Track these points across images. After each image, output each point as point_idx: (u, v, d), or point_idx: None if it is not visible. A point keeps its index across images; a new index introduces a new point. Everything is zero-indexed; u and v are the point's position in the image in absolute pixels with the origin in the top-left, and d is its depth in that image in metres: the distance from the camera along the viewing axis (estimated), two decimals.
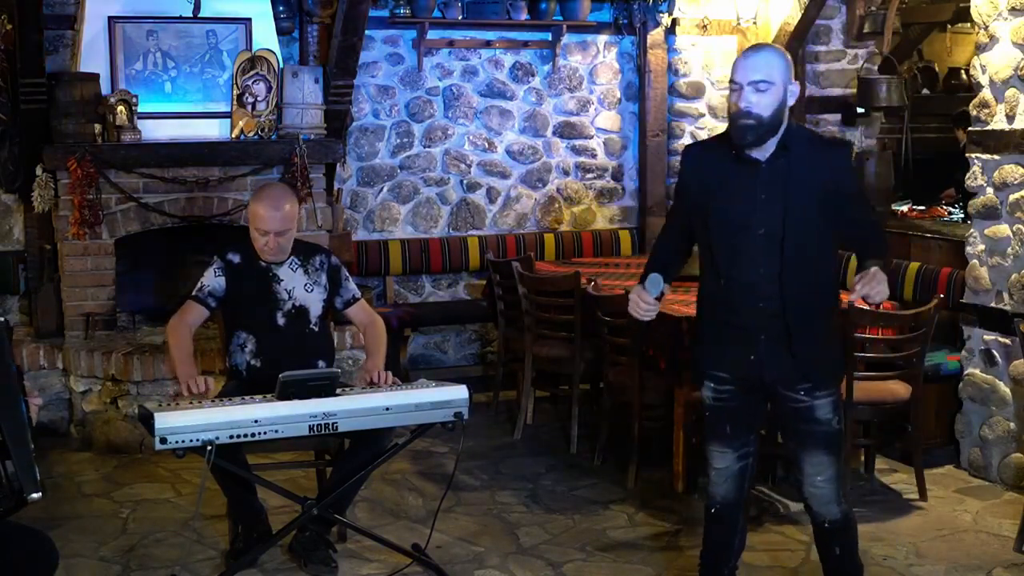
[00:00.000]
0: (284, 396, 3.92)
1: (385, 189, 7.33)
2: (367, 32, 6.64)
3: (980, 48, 5.30)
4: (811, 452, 3.41)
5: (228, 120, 6.31)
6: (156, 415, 3.71)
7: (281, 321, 4.40)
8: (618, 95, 7.78)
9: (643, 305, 3.51)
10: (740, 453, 3.53)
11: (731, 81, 3.31)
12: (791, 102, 3.31)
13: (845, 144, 3.53)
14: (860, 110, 7.36)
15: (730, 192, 3.36)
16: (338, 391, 4.02)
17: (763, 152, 3.31)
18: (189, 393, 4.07)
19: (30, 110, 5.91)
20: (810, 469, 3.42)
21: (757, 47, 3.42)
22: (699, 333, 3.60)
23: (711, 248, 3.43)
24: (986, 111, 5.26)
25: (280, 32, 6.61)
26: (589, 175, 7.79)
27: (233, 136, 6.27)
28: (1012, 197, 5.11)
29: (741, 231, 3.34)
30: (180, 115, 6.28)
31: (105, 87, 6.05)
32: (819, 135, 3.57)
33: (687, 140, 7.82)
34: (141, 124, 6.05)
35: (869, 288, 3.19)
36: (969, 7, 5.39)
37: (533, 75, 7.57)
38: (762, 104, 3.24)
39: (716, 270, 3.43)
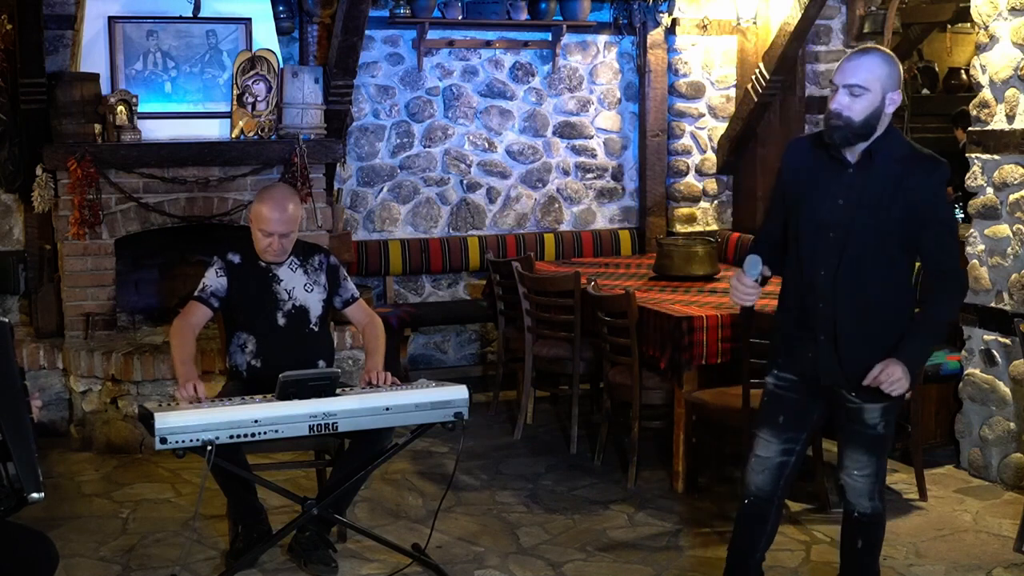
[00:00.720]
0: (284, 396, 3.92)
1: (385, 189, 7.33)
2: (367, 32, 6.64)
3: (980, 48, 5.30)
4: (853, 449, 3.46)
5: (228, 120, 6.31)
6: (156, 415, 3.71)
7: (281, 321, 4.40)
8: (618, 95, 7.79)
9: (742, 289, 3.51)
10: (786, 447, 3.54)
11: (830, 81, 3.34)
12: (890, 110, 3.29)
13: (940, 164, 3.33)
14: None
15: (817, 190, 3.39)
16: (338, 391, 4.02)
17: (853, 155, 3.33)
18: (183, 397, 4.04)
19: (30, 110, 5.92)
20: (849, 463, 3.47)
21: (865, 50, 3.35)
22: (776, 323, 3.63)
23: (794, 244, 3.47)
24: (986, 111, 5.26)
25: (280, 32, 6.62)
26: (589, 175, 7.80)
27: (233, 136, 6.27)
28: (1012, 197, 5.11)
29: (818, 230, 3.38)
30: (180, 115, 6.28)
31: (105, 87, 6.05)
32: (917, 149, 3.37)
33: (687, 140, 7.83)
34: (141, 124, 6.05)
35: (881, 386, 3.25)
36: (969, 7, 5.39)
37: (533, 75, 7.57)
38: (854, 108, 3.24)
39: (795, 264, 3.47)
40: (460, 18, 7.17)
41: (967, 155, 5.37)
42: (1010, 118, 5.13)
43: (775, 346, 3.61)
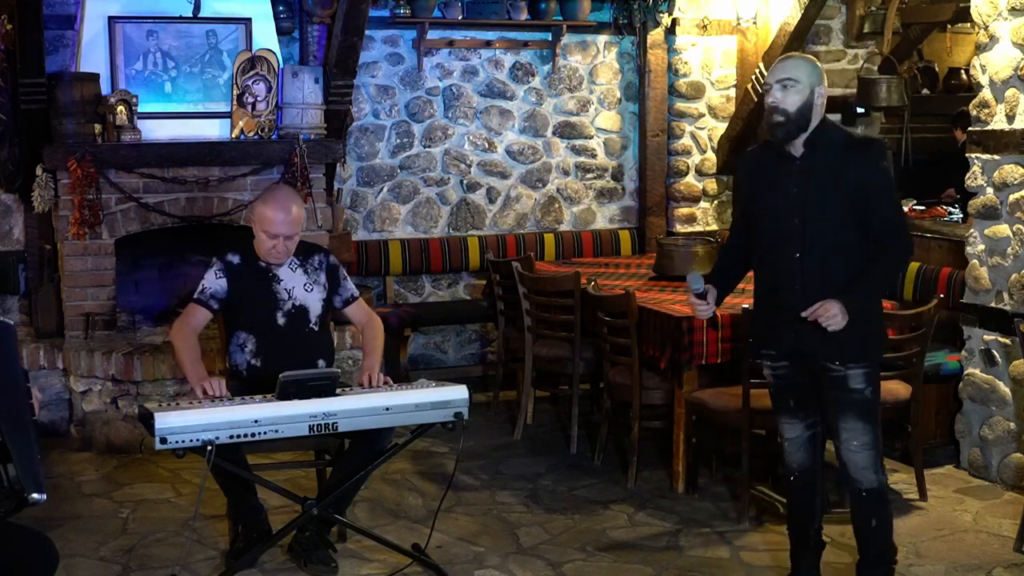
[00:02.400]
0: (284, 396, 3.92)
1: (385, 189, 7.33)
2: (367, 32, 6.64)
3: (980, 48, 5.30)
4: (845, 418, 3.68)
5: (228, 120, 6.31)
6: (156, 415, 3.71)
7: (281, 321, 4.40)
8: (618, 95, 7.79)
9: (697, 305, 3.89)
10: (808, 423, 3.84)
11: (764, 83, 3.73)
12: (819, 102, 3.64)
13: (875, 143, 3.80)
14: (860, 110, 7.36)
15: (771, 186, 3.75)
16: (338, 391, 4.02)
17: (796, 148, 3.67)
18: (205, 396, 4.06)
19: (30, 110, 5.91)
20: (845, 435, 3.68)
21: (789, 54, 3.85)
22: (753, 317, 3.96)
23: (760, 238, 3.81)
24: (986, 111, 5.26)
25: (280, 32, 6.61)
26: (589, 175, 7.80)
27: (233, 136, 6.27)
28: (1012, 197, 5.11)
29: (778, 220, 3.71)
30: (180, 115, 6.28)
31: (105, 87, 6.05)
32: (852, 134, 3.79)
33: (687, 140, 7.83)
34: (141, 124, 6.05)
35: (817, 317, 3.55)
36: (969, 7, 5.39)
37: (533, 75, 7.57)
38: (788, 101, 3.61)
39: (761, 256, 3.82)
40: (460, 18, 7.17)
41: (967, 155, 5.37)
42: (1010, 118, 5.13)
43: (758, 336, 3.91)
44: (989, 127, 5.24)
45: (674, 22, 7.63)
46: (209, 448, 3.73)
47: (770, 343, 3.82)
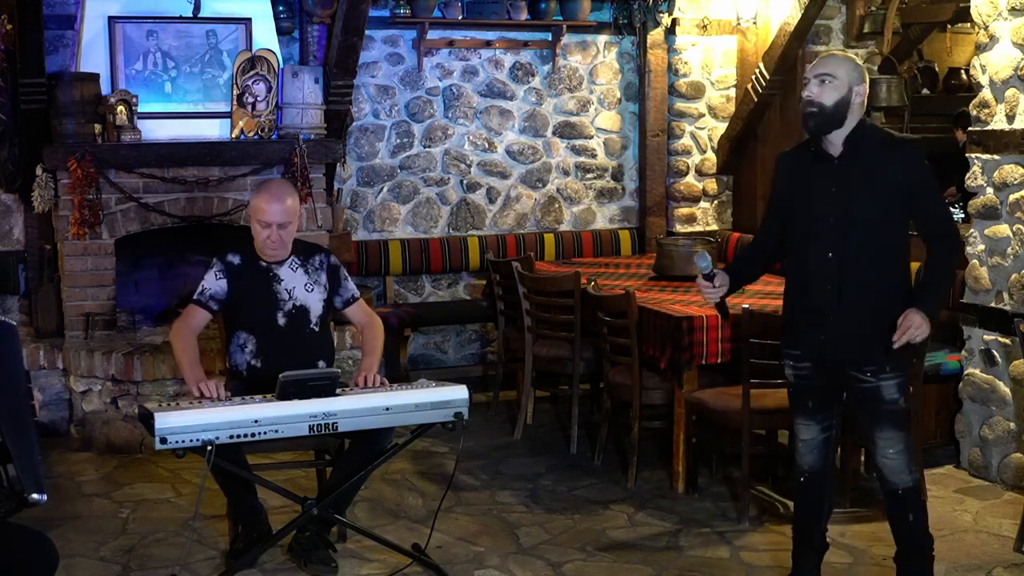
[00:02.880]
0: (284, 396, 3.92)
1: (385, 189, 7.33)
2: (367, 32, 6.64)
3: (980, 48, 5.30)
4: (881, 428, 3.66)
5: (228, 120, 6.31)
6: (156, 415, 3.71)
7: (281, 321, 4.40)
8: (618, 95, 7.79)
9: (705, 288, 3.85)
10: (824, 425, 3.81)
11: (803, 78, 3.73)
12: (857, 101, 3.62)
13: (913, 142, 3.77)
14: None
15: (809, 186, 3.71)
16: (338, 391, 4.02)
17: (834, 148, 3.65)
18: (202, 397, 4.05)
19: (30, 110, 5.91)
20: (881, 443, 3.67)
21: (834, 52, 3.83)
22: (783, 317, 3.90)
23: (794, 238, 3.77)
24: (986, 111, 5.26)
25: (280, 32, 6.61)
26: (589, 175, 7.80)
27: (233, 136, 6.27)
28: (1012, 197, 5.11)
29: (815, 220, 3.67)
30: (180, 115, 6.28)
31: (105, 87, 6.05)
32: (891, 133, 3.75)
33: (687, 140, 7.83)
34: (141, 124, 6.05)
35: (908, 336, 3.51)
36: (969, 7, 5.39)
37: (533, 75, 7.57)
38: (823, 95, 3.60)
39: (795, 257, 3.78)
40: (460, 18, 7.17)
41: (967, 155, 5.37)
42: (1010, 118, 5.13)
43: (786, 338, 3.85)
44: (989, 127, 5.24)
45: (674, 22, 7.63)
46: (209, 448, 3.73)
47: (796, 343, 3.78)
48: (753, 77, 7.34)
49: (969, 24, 6.01)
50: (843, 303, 3.62)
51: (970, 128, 5.39)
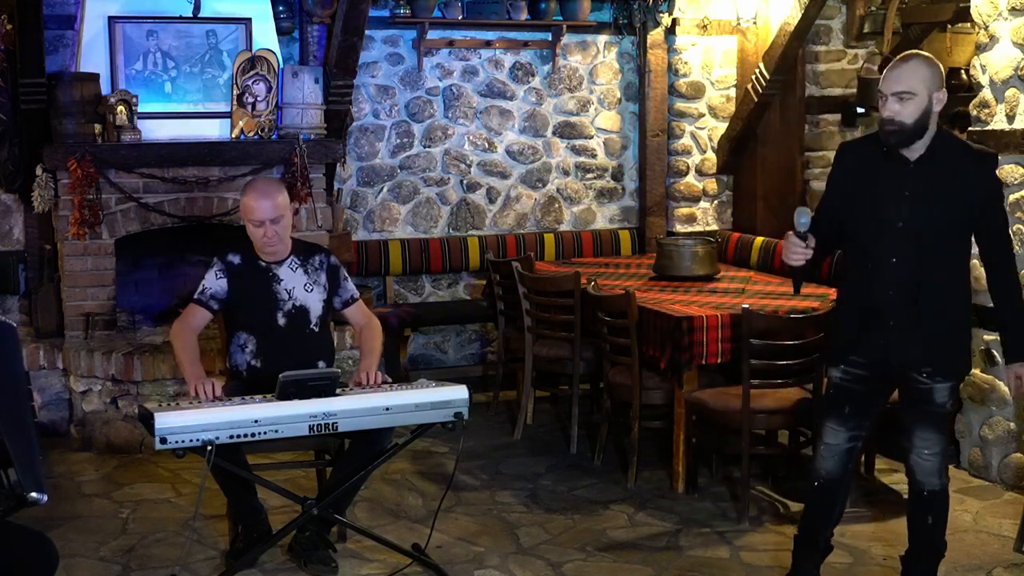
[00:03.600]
0: (284, 396, 3.92)
1: (385, 189, 7.33)
2: (367, 32, 6.64)
3: (980, 48, 5.30)
4: (923, 428, 3.70)
5: (228, 120, 6.31)
6: (156, 415, 3.71)
7: (281, 321, 4.40)
8: (618, 95, 7.79)
9: (793, 245, 3.68)
10: (852, 434, 3.80)
11: (878, 90, 3.58)
12: (937, 109, 3.55)
13: (992, 155, 3.74)
14: (860, 110, 7.35)
15: (878, 187, 3.64)
16: (338, 391, 4.02)
17: (912, 153, 3.59)
18: (198, 396, 4.04)
19: (30, 110, 5.91)
20: (919, 443, 3.71)
21: (906, 57, 3.59)
22: (839, 317, 3.86)
23: (856, 238, 3.71)
24: (986, 111, 5.26)
25: (280, 32, 6.61)
26: (589, 175, 7.80)
27: (233, 136, 6.27)
28: (1012, 197, 5.11)
29: (883, 223, 3.62)
30: (180, 115, 6.28)
31: (105, 87, 6.05)
32: (967, 145, 3.72)
33: (687, 140, 7.82)
34: (141, 124, 6.05)
35: (1021, 392, 3.65)
36: (969, 7, 5.39)
37: (533, 75, 7.57)
38: (904, 113, 3.50)
39: (858, 259, 3.72)
40: (460, 18, 7.17)
41: None
42: (1010, 118, 5.13)
43: (840, 339, 3.81)
44: (989, 127, 5.24)
45: (674, 22, 7.63)
46: (209, 448, 3.73)
47: (851, 347, 3.73)
48: (753, 77, 7.34)
49: (969, 24, 6.00)
50: (907, 308, 3.61)
51: (970, 128, 5.39)
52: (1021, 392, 3.67)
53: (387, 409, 4.02)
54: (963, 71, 8.59)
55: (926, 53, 3.64)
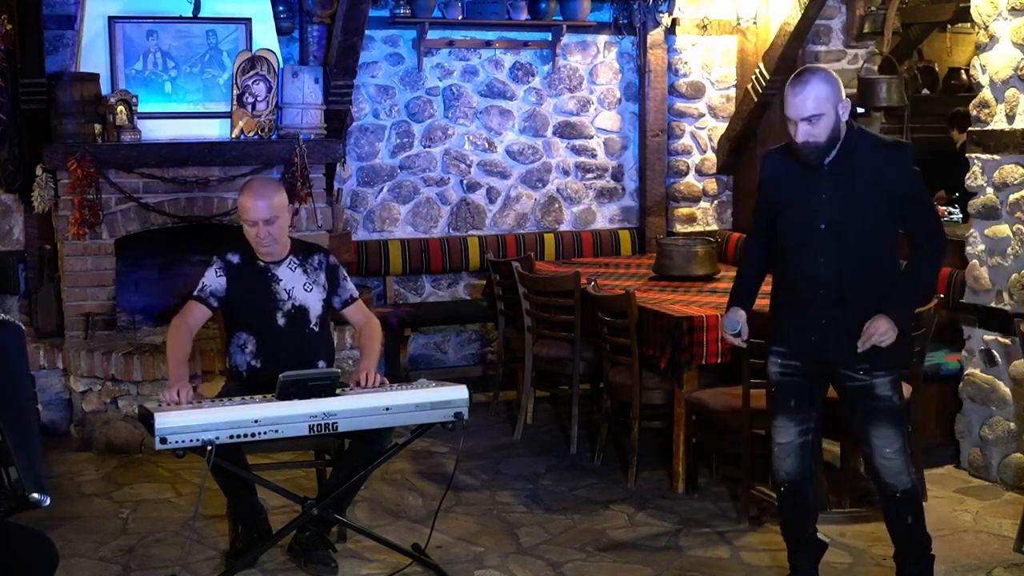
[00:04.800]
0: (284, 396, 3.92)
1: (385, 189, 7.33)
2: (367, 32, 6.64)
3: (980, 48, 5.30)
4: (876, 426, 3.68)
5: (228, 120, 6.31)
6: (156, 415, 3.71)
7: (281, 321, 4.40)
8: (618, 95, 7.79)
9: (730, 341, 3.99)
10: (802, 428, 3.82)
11: (784, 115, 3.65)
12: (844, 116, 3.63)
13: (904, 146, 3.78)
14: (860, 110, 7.34)
15: (797, 190, 3.73)
16: (338, 391, 4.02)
17: (826, 156, 3.65)
18: (171, 400, 3.97)
19: (30, 110, 5.91)
20: (878, 442, 3.68)
21: (802, 79, 3.60)
22: (771, 315, 3.92)
23: (783, 240, 3.79)
24: (986, 111, 5.26)
25: (280, 32, 6.61)
26: (589, 175, 7.80)
27: (233, 136, 6.27)
28: (1012, 197, 5.11)
29: (805, 225, 3.70)
30: (180, 115, 6.28)
31: (105, 87, 6.05)
32: (880, 138, 3.79)
33: (687, 140, 7.82)
34: (141, 124, 6.05)
35: (872, 342, 3.59)
36: (969, 7, 5.39)
37: (533, 75, 7.57)
38: (817, 132, 3.59)
39: (784, 260, 3.80)
40: (460, 18, 7.17)
41: (967, 155, 5.37)
42: (1010, 118, 5.13)
43: (774, 336, 3.88)
44: (989, 127, 5.24)
45: (674, 22, 7.63)
46: (209, 448, 3.73)
47: (787, 343, 3.81)
48: (753, 77, 7.34)
49: (969, 24, 6.01)
50: (835, 305, 3.65)
51: (970, 128, 5.39)
52: (865, 341, 3.59)
53: (387, 409, 4.02)
54: (963, 71, 8.60)
55: (818, 67, 3.71)
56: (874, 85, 7.17)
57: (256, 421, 3.83)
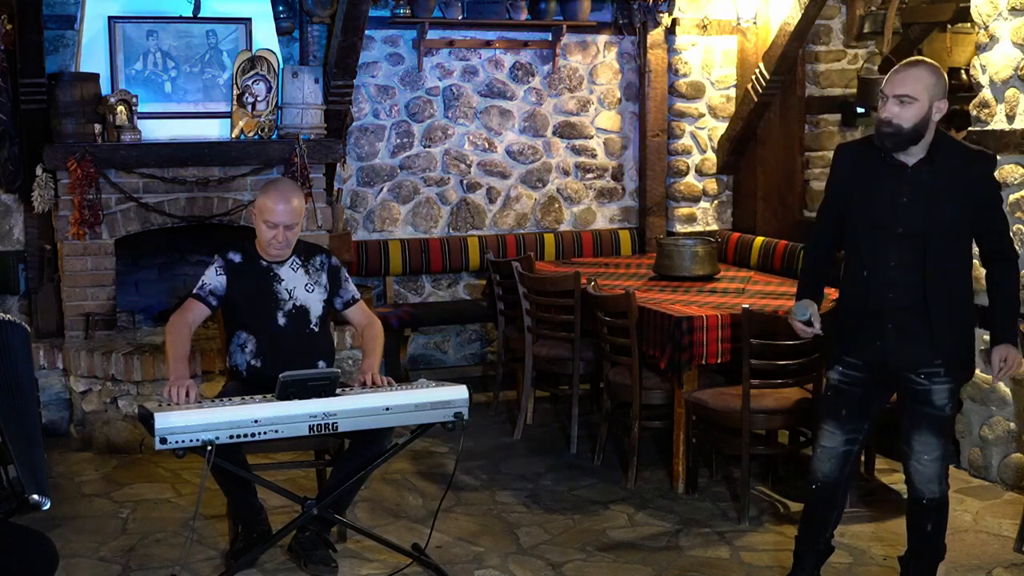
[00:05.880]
0: (284, 396, 3.92)
1: (385, 189, 7.33)
2: (367, 32, 6.64)
3: (980, 48, 5.30)
4: (921, 432, 3.68)
5: (228, 120, 6.31)
6: (156, 415, 3.71)
7: (282, 321, 4.40)
8: (618, 95, 7.79)
9: (799, 328, 3.84)
10: (849, 437, 3.79)
11: (880, 91, 3.60)
12: (936, 117, 3.57)
13: (989, 156, 3.73)
14: (860, 110, 7.36)
15: (875, 192, 3.65)
16: (338, 391, 4.02)
17: (909, 157, 3.60)
18: (172, 399, 3.98)
19: (30, 110, 5.91)
20: (919, 447, 3.69)
21: (914, 62, 3.62)
22: (836, 319, 3.86)
23: (854, 241, 3.72)
24: (986, 111, 5.26)
25: (280, 32, 6.61)
26: (589, 175, 7.80)
27: (233, 136, 6.27)
28: (1012, 197, 5.11)
29: (882, 229, 3.63)
30: (180, 115, 6.29)
31: (105, 87, 6.05)
32: (966, 146, 3.72)
33: (687, 140, 7.82)
34: (141, 124, 6.05)
35: (1008, 373, 3.66)
36: (969, 7, 5.39)
37: (533, 75, 7.57)
38: (903, 116, 3.52)
39: (856, 263, 3.72)
40: (460, 18, 7.17)
41: None
42: (1010, 118, 5.13)
43: (837, 340, 3.82)
44: (989, 127, 5.24)
45: (674, 22, 7.63)
46: (209, 448, 3.73)
47: (853, 349, 3.74)
48: (753, 77, 7.34)
49: (969, 24, 6.01)
50: (911, 312, 3.62)
51: (970, 128, 5.39)
52: (1005, 373, 3.65)
53: (387, 409, 4.03)
54: (963, 71, 8.60)
55: (933, 62, 3.65)
56: (874, 85, 7.17)
57: (256, 421, 3.83)
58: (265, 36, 6.41)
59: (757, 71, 7.31)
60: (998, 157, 5.16)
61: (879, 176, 3.65)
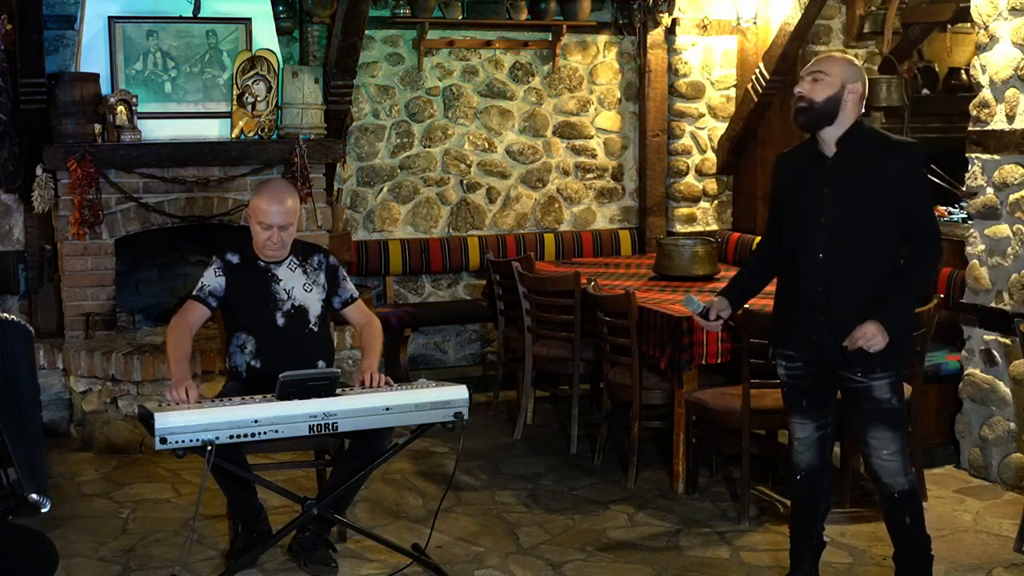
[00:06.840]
0: (284, 396, 3.92)
1: (385, 189, 7.33)
2: (367, 32, 6.64)
3: (980, 48, 5.30)
4: (873, 428, 3.66)
5: (228, 120, 6.31)
6: (156, 415, 3.71)
7: (281, 321, 4.39)
8: (618, 95, 7.79)
9: (699, 321, 4.01)
10: (819, 424, 3.83)
11: (799, 76, 3.73)
12: (850, 99, 3.61)
13: (912, 145, 3.74)
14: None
15: (802, 186, 3.74)
16: (338, 391, 4.02)
17: (829, 148, 3.67)
18: (175, 400, 3.99)
19: (30, 110, 5.91)
20: (875, 443, 3.67)
21: (830, 52, 3.85)
22: (774, 315, 3.92)
23: (786, 236, 3.79)
24: (986, 111, 5.26)
25: (280, 32, 6.61)
26: (589, 175, 7.80)
27: (233, 136, 6.27)
28: (1012, 197, 5.11)
29: (807, 221, 3.69)
30: (180, 115, 6.28)
31: (105, 87, 6.05)
32: (888, 136, 3.73)
33: (687, 140, 7.82)
34: (141, 124, 6.05)
35: (859, 345, 3.56)
36: (969, 7, 5.39)
37: (533, 75, 7.57)
38: (814, 91, 3.61)
39: (788, 256, 3.77)
40: (460, 18, 7.17)
41: (967, 155, 5.37)
42: (1010, 118, 5.13)
43: (776, 336, 3.88)
44: (989, 127, 5.24)
45: (674, 22, 7.63)
46: (209, 448, 3.73)
47: (788, 343, 3.80)
48: (753, 77, 7.34)
49: (969, 24, 6.00)
50: (833, 304, 3.63)
51: (970, 128, 5.39)
52: (852, 344, 3.55)
53: (387, 409, 4.02)
54: (963, 71, 8.59)
55: (852, 57, 3.77)
56: (874, 85, 7.17)
57: (256, 421, 3.83)
58: (265, 36, 6.41)
59: (757, 71, 7.31)
60: (996, 157, 5.18)
61: (806, 170, 3.73)
